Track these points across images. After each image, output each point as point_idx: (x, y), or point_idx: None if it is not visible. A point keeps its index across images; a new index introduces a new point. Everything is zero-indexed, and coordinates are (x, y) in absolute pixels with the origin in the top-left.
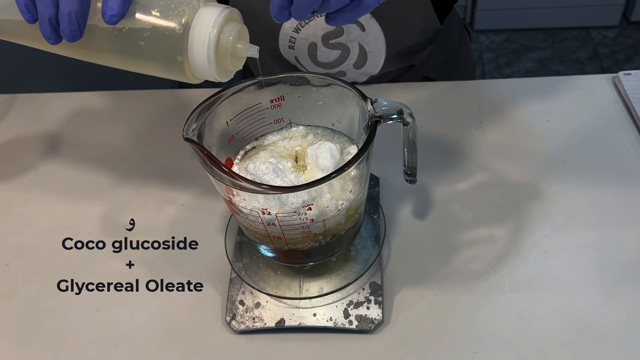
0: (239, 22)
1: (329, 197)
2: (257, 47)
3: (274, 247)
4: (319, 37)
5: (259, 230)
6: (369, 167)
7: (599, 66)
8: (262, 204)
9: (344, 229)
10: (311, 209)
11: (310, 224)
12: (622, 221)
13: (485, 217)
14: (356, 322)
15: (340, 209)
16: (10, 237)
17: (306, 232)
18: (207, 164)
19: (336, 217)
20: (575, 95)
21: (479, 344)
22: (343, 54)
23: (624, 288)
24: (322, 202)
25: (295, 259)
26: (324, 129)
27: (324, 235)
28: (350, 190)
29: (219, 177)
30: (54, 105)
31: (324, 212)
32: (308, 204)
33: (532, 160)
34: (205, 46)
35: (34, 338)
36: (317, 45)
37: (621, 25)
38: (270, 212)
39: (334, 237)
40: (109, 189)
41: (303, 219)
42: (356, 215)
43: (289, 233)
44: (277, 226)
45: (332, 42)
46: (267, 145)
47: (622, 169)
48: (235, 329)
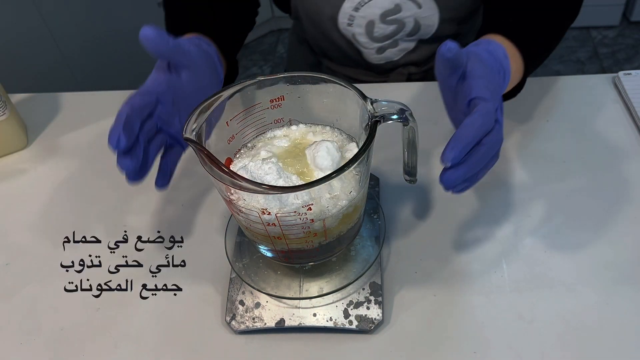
0: None
1: (329, 197)
2: None
3: (274, 248)
4: (377, 15)
5: (259, 231)
6: (369, 166)
7: (599, 66)
8: (262, 204)
9: (345, 228)
10: (311, 209)
11: (311, 224)
12: (622, 221)
13: (485, 217)
14: (356, 322)
15: (340, 208)
16: (10, 237)
17: (306, 232)
18: (206, 164)
19: (336, 217)
20: (575, 95)
21: (479, 344)
22: (398, 27)
23: (624, 288)
24: (322, 202)
25: (295, 259)
26: (323, 127)
27: (324, 235)
28: (351, 190)
29: (218, 177)
30: (54, 105)
31: (324, 212)
32: (308, 204)
33: (532, 160)
34: None
35: (34, 338)
36: (375, 22)
37: (621, 25)
38: (270, 212)
39: (334, 237)
40: (109, 189)
41: (303, 219)
42: (356, 215)
43: (289, 233)
44: (277, 226)
45: (389, 19)
46: (267, 144)
47: (622, 169)
48: (235, 329)
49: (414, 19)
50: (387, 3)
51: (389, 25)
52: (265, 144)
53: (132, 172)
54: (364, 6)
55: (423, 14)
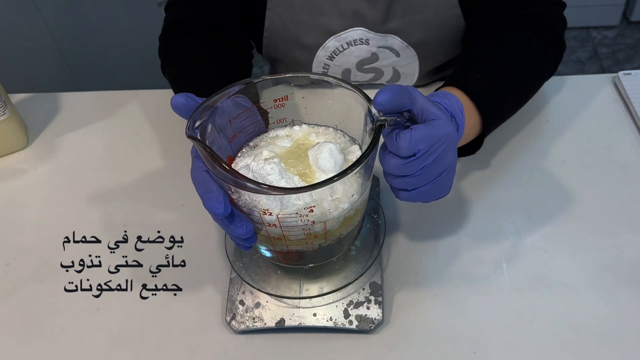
0: None
1: (330, 200)
2: None
3: (273, 249)
4: (354, 63)
5: (259, 231)
6: (372, 170)
7: (599, 66)
8: (263, 205)
9: (345, 231)
10: (313, 211)
11: (312, 226)
12: (622, 221)
13: (485, 217)
14: (356, 322)
15: (342, 211)
16: (10, 237)
17: (307, 234)
18: (209, 162)
19: (338, 219)
20: (575, 95)
21: (479, 344)
22: (376, 75)
23: (624, 288)
24: (324, 204)
25: (294, 260)
26: (326, 128)
27: (324, 237)
28: (353, 193)
29: (221, 176)
30: (54, 105)
31: (326, 214)
32: (310, 205)
33: (532, 160)
34: None
35: (34, 338)
36: (351, 70)
37: (621, 25)
38: (272, 213)
39: (334, 239)
40: (109, 189)
41: (304, 220)
42: (357, 218)
43: (289, 234)
44: (278, 227)
45: (366, 67)
46: (270, 144)
47: (622, 169)
48: (235, 329)
49: (392, 68)
50: (364, 52)
51: (366, 73)
52: (267, 143)
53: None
54: (339, 55)
55: (401, 63)
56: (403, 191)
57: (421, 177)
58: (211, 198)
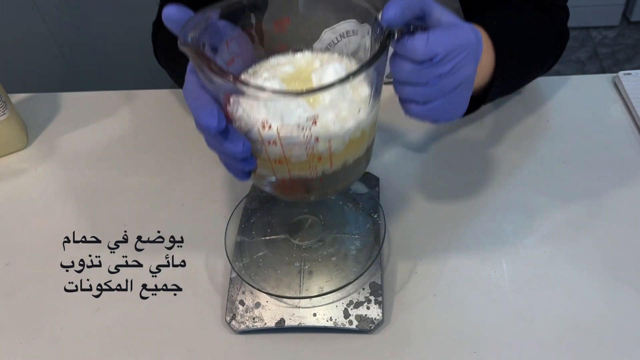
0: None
1: (335, 114)
2: None
3: (274, 177)
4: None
5: (259, 154)
6: (380, 86)
7: (599, 66)
8: (262, 116)
9: (350, 158)
10: (316, 124)
11: (315, 144)
12: (622, 221)
13: (485, 217)
14: (356, 322)
15: (347, 130)
16: (10, 237)
17: (310, 155)
18: (207, 72)
19: (343, 140)
20: (575, 95)
21: (479, 344)
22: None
23: (624, 288)
24: (327, 118)
25: (297, 191)
26: (331, 54)
27: (329, 160)
28: (359, 108)
29: (219, 86)
30: (54, 105)
31: (329, 130)
32: (312, 116)
33: (532, 160)
34: None
35: (34, 338)
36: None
37: (621, 25)
38: (271, 126)
39: (339, 166)
40: (109, 189)
41: (307, 135)
42: (364, 144)
43: (290, 155)
44: (279, 145)
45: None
46: (270, 68)
47: (622, 169)
48: (235, 329)
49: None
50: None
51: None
52: (267, 69)
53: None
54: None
55: None
56: (413, 104)
57: (434, 88)
58: (204, 111)
